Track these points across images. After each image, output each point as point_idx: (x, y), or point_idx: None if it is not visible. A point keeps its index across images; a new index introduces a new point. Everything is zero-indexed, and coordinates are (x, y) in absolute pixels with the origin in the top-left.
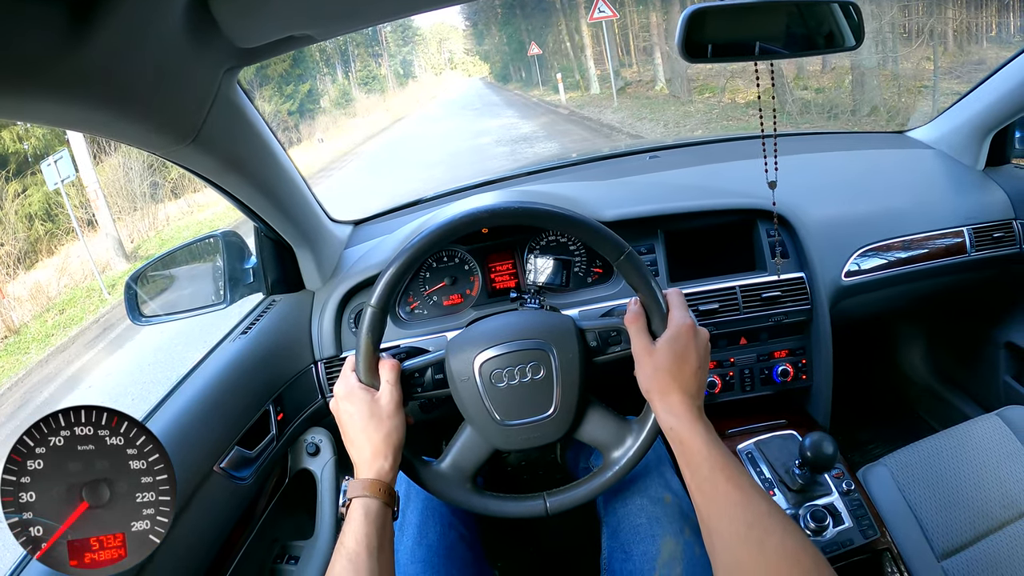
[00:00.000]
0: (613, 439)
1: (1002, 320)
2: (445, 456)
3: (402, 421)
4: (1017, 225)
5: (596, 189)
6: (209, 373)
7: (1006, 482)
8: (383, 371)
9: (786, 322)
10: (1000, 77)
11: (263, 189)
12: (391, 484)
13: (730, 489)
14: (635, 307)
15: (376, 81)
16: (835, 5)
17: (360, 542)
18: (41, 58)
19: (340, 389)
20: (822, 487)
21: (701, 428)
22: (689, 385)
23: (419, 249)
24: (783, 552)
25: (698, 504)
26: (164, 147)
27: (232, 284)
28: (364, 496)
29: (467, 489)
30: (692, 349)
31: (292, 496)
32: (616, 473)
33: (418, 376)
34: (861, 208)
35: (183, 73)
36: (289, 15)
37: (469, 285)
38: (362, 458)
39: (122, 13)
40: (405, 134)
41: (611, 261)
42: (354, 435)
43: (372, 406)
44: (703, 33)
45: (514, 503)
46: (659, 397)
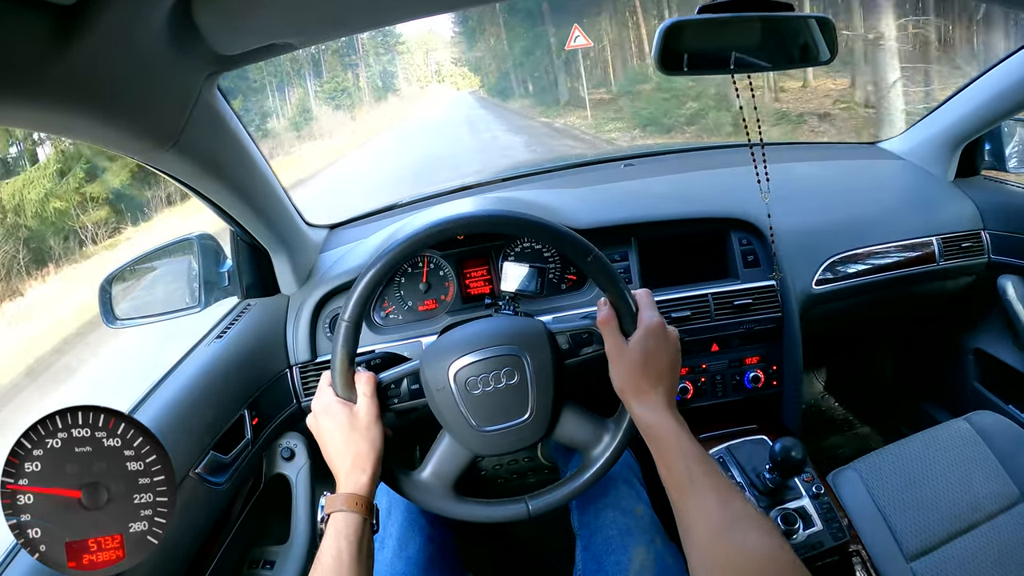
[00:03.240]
0: (591, 438)
1: (971, 327)
2: (425, 466)
3: (380, 433)
4: (985, 235)
5: (571, 196)
6: (184, 377)
7: (974, 485)
8: (359, 384)
9: (757, 329)
10: (972, 90)
11: (241, 193)
12: (370, 497)
13: (708, 486)
14: (605, 308)
15: (346, 95)
16: (811, 20)
17: (337, 557)
18: (26, 64)
19: (317, 405)
20: (792, 491)
21: (676, 424)
22: (662, 382)
23: (388, 262)
24: (761, 551)
25: (675, 500)
26: (144, 152)
27: (207, 287)
28: (342, 511)
29: (449, 497)
30: (664, 347)
31: (267, 501)
32: (596, 471)
33: (394, 387)
34: (832, 217)
35: (164, 79)
36: (271, 24)
37: (444, 291)
38: (341, 472)
39: (106, 20)
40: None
41: (579, 264)
42: (333, 449)
43: (350, 419)
44: (680, 45)
45: (497, 508)
46: (633, 395)
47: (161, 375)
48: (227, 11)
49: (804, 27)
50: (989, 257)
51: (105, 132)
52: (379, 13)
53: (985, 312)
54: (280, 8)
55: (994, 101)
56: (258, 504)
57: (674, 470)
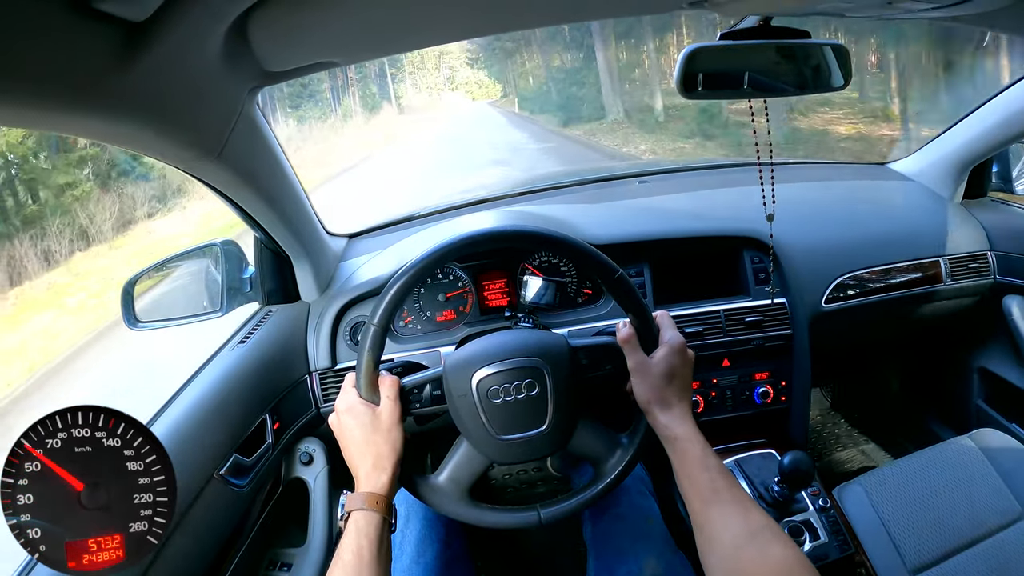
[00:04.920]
0: (604, 452)
1: (976, 346)
2: (442, 470)
3: (401, 436)
4: (991, 256)
5: (588, 212)
6: (209, 380)
7: (976, 502)
8: (383, 387)
9: (767, 346)
10: (980, 114)
11: (272, 203)
12: (389, 498)
13: (731, 498)
14: (627, 328)
15: (315, 105)
16: (826, 47)
17: (357, 554)
18: (92, 77)
19: (341, 404)
20: (799, 503)
21: (701, 437)
22: (685, 397)
23: (421, 270)
24: (783, 561)
25: (696, 511)
26: (189, 162)
27: (229, 293)
28: (363, 509)
29: (464, 502)
30: (686, 364)
31: (285, 504)
32: (607, 484)
33: (417, 392)
34: (842, 237)
35: (214, 92)
36: (321, 43)
37: (463, 302)
38: (362, 472)
39: (170, 36)
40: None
41: (603, 283)
42: (354, 449)
43: (373, 421)
44: (699, 69)
45: (510, 514)
46: (660, 407)
47: (186, 378)
48: (281, 30)
49: (819, 54)
50: (995, 278)
51: (156, 142)
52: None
53: (990, 332)
54: (333, 28)
55: (1002, 124)
56: (277, 507)
57: (697, 481)
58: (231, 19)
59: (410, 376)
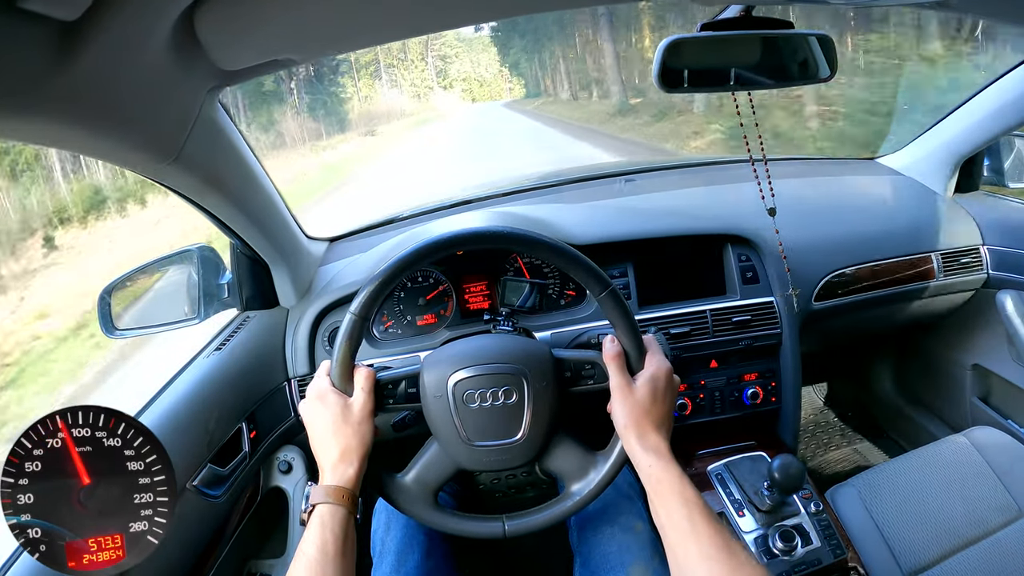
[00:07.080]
0: (576, 471)
1: (969, 343)
2: (409, 470)
3: (371, 430)
4: (984, 251)
5: (571, 212)
6: (183, 389)
7: (972, 501)
8: (358, 378)
9: (756, 345)
10: (971, 106)
11: (242, 207)
12: (355, 491)
13: (711, 532)
14: (614, 345)
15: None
16: (810, 37)
17: (321, 549)
18: (28, 79)
19: (312, 391)
20: (791, 507)
21: (676, 467)
22: (663, 426)
23: (404, 262)
24: None
25: (673, 544)
26: (145, 165)
27: (206, 299)
28: (327, 502)
29: (428, 505)
30: (670, 391)
31: (264, 514)
32: (575, 504)
33: (391, 387)
34: (832, 233)
35: (166, 93)
36: (274, 40)
37: (443, 306)
38: (328, 462)
39: (109, 35)
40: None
41: (593, 295)
42: (322, 438)
43: (344, 411)
44: (680, 63)
45: (473, 523)
46: (636, 434)
47: (160, 386)
48: (230, 27)
49: (804, 44)
50: (988, 273)
51: (107, 146)
52: (381, 31)
53: (984, 327)
54: (283, 25)
55: (993, 117)
56: (255, 517)
57: (675, 513)
58: (174, 17)
59: (386, 371)
